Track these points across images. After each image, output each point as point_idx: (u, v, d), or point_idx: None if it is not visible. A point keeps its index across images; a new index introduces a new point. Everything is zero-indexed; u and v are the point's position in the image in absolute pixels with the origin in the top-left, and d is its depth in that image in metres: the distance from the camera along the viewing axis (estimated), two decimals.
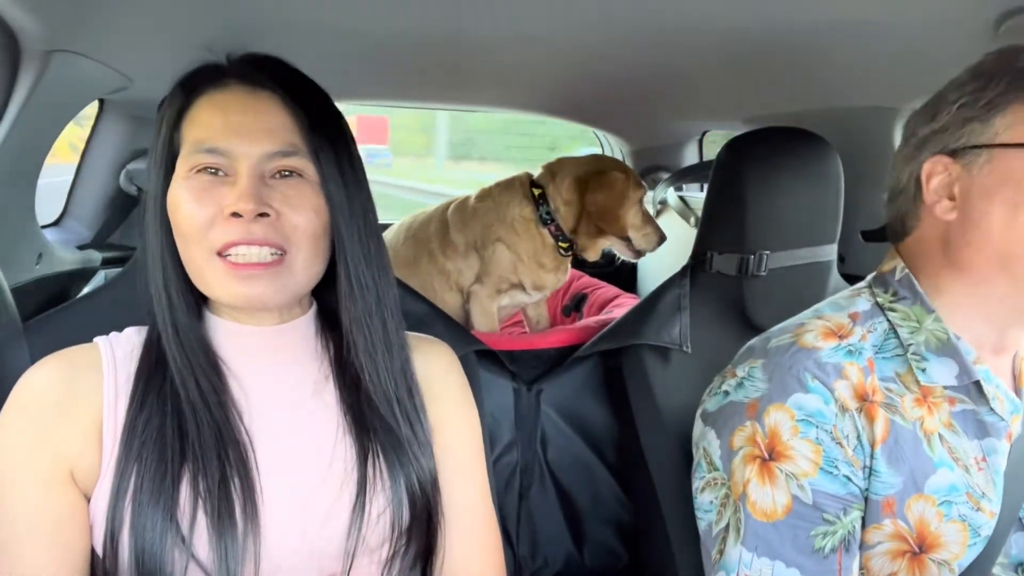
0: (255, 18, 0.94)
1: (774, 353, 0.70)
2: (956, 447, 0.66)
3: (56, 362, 0.60)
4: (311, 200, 0.59)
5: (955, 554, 0.64)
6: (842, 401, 0.65)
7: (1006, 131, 0.64)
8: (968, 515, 0.64)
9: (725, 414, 0.72)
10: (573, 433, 1.19)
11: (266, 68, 0.62)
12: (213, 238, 0.56)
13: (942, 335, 0.67)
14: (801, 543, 0.64)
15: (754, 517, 0.66)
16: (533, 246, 1.38)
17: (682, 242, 1.61)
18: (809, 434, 0.64)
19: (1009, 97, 0.64)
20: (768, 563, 0.64)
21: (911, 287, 0.70)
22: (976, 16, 0.77)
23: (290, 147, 0.59)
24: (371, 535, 0.60)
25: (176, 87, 0.61)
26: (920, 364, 0.67)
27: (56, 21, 0.84)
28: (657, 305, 1.04)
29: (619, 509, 1.20)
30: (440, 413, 0.69)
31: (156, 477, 0.55)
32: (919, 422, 0.66)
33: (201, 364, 0.59)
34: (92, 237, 1.51)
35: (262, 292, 0.57)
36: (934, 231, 0.69)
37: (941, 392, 0.67)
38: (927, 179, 0.68)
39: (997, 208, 0.63)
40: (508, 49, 1.11)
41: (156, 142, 0.61)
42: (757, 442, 0.67)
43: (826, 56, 0.98)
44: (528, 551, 1.21)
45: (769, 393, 0.68)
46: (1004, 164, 0.64)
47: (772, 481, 0.65)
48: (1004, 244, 0.63)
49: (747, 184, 0.96)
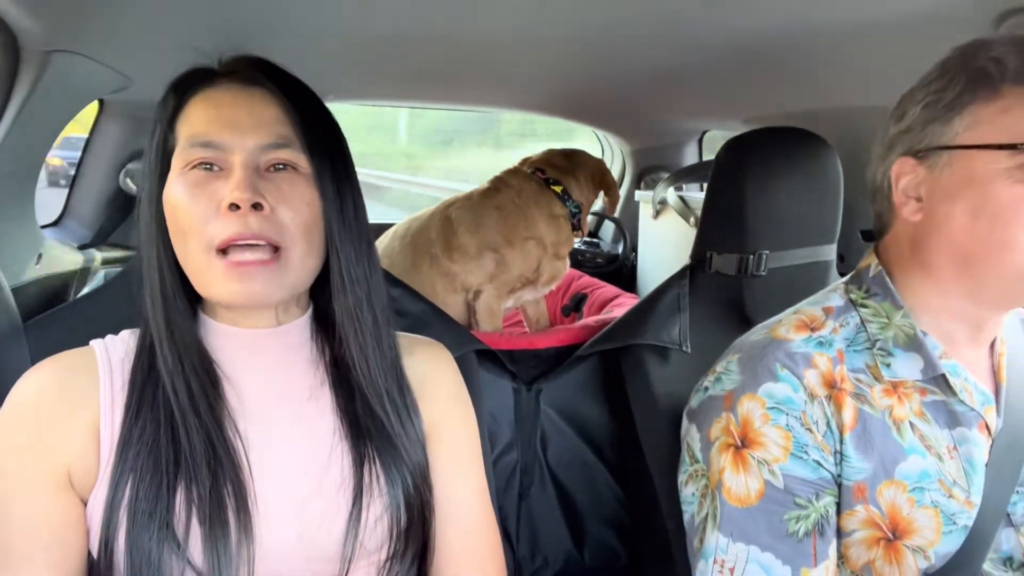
0: (255, 18, 0.94)
1: (750, 347, 0.73)
2: (928, 435, 0.67)
3: (52, 366, 0.60)
4: (304, 193, 0.59)
5: (929, 540, 0.64)
6: (811, 389, 0.67)
7: (965, 132, 0.64)
8: (940, 502, 0.65)
9: (705, 408, 0.74)
10: (573, 433, 1.19)
11: (257, 67, 0.62)
12: (212, 233, 0.56)
13: (909, 331, 0.68)
14: (775, 527, 0.66)
15: (729, 503, 0.68)
16: (559, 239, 1.45)
17: (682, 242, 1.62)
18: (779, 421, 0.67)
19: (966, 98, 0.64)
20: (744, 548, 0.66)
21: (883, 284, 0.71)
22: (976, 16, 0.77)
23: (283, 140, 0.59)
24: (368, 539, 0.60)
25: (168, 90, 0.62)
26: (885, 359, 0.69)
27: (56, 21, 0.84)
28: (657, 305, 1.04)
29: (619, 509, 1.20)
30: (436, 413, 0.69)
31: (152, 486, 0.55)
32: (888, 411, 0.67)
33: (194, 367, 0.59)
34: (92, 237, 1.51)
35: (261, 289, 0.57)
36: (904, 231, 0.70)
37: (912, 383, 0.68)
38: (896, 180, 0.69)
39: (958, 210, 0.64)
40: (508, 49, 1.11)
41: (150, 144, 0.61)
42: (731, 431, 0.69)
43: (826, 56, 0.98)
44: (528, 551, 1.21)
45: (742, 384, 0.70)
46: (964, 166, 0.64)
47: (745, 468, 0.67)
48: (966, 246, 0.64)
49: (747, 184, 0.96)
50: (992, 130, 0.62)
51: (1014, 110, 0.62)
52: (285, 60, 0.64)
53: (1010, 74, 0.62)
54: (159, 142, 0.60)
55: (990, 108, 0.63)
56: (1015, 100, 0.62)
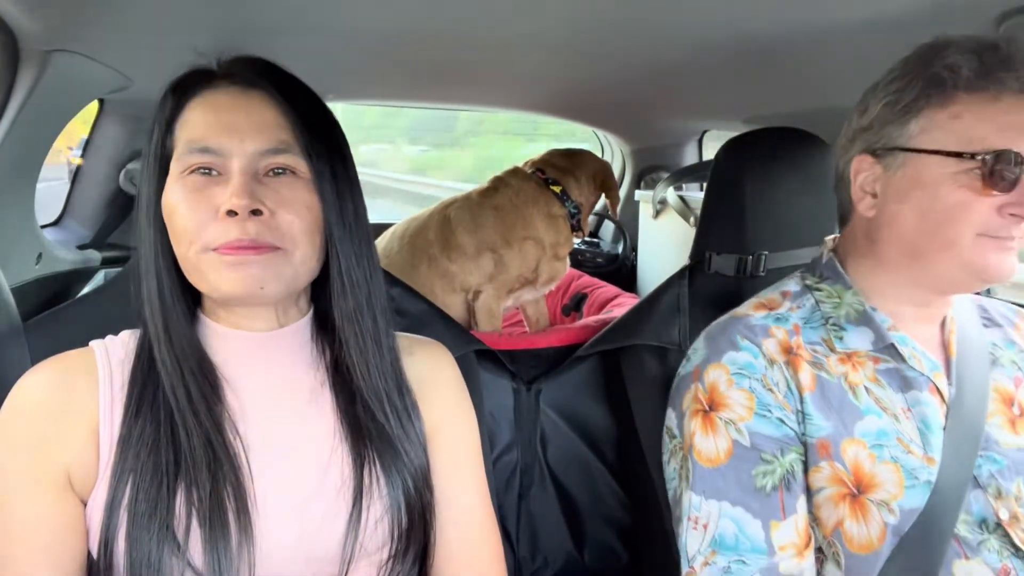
0: (255, 18, 0.94)
1: (712, 327, 0.80)
2: (883, 398, 0.72)
3: (51, 367, 0.60)
4: (304, 197, 0.59)
5: (892, 494, 0.67)
6: (770, 355, 0.73)
7: (919, 135, 0.68)
8: (899, 457, 0.68)
9: (678, 389, 0.80)
10: (573, 433, 1.19)
11: (256, 68, 0.62)
12: (208, 238, 0.56)
13: (859, 307, 0.75)
14: (744, 483, 0.70)
15: (700, 464, 0.72)
16: (558, 239, 1.44)
17: (682, 242, 1.62)
18: (743, 384, 0.72)
19: (921, 103, 0.67)
20: (716, 504, 0.70)
21: (834, 269, 0.78)
22: (976, 16, 0.77)
23: (282, 144, 0.58)
24: (369, 541, 0.60)
25: (167, 91, 0.61)
26: (838, 333, 0.75)
27: (56, 21, 0.84)
28: (656, 305, 1.04)
29: (619, 509, 1.20)
30: (436, 414, 0.68)
31: (151, 488, 0.55)
32: (843, 376, 0.73)
33: (192, 370, 0.59)
34: (92, 237, 1.51)
35: (259, 274, 0.56)
36: (860, 223, 0.76)
37: (865, 353, 0.74)
38: (854, 176, 0.74)
39: (909, 209, 0.69)
40: (508, 49, 1.11)
41: (148, 146, 0.60)
42: (700, 399, 0.75)
43: (826, 56, 0.98)
44: (528, 551, 1.20)
45: (707, 356, 0.76)
46: (916, 168, 0.68)
47: (713, 429, 0.72)
48: (914, 243, 0.69)
49: (746, 184, 0.96)
50: (944, 135, 0.66)
51: (965, 117, 0.65)
52: (285, 59, 0.64)
53: (963, 82, 0.65)
54: (157, 145, 0.60)
55: (943, 113, 0.66)
56: (966, 107, 0.65)
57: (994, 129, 0.64)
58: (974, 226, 0.65)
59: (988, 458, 0.70)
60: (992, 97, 0.65)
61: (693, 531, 0.71)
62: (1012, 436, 0.71)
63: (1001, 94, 0.64)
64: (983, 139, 0.64)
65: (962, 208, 0.65)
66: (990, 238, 0.66)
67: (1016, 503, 0.68)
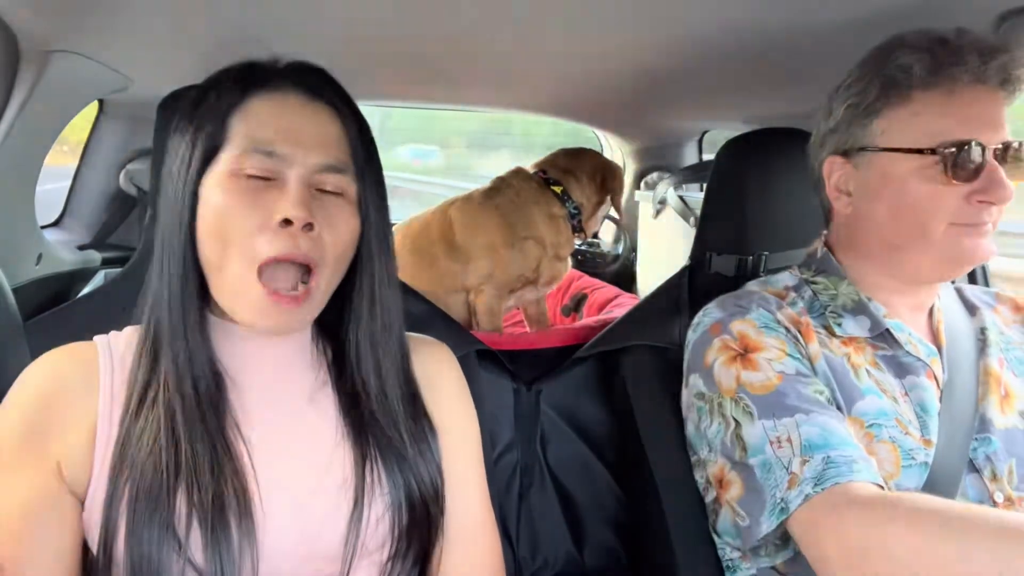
0: (255, 18, 0.94)
1: (724, 297, 0.82)
2: (882, 381, 0.73)
3: (53, 359, 0.60)
4: (349, 220, 0.59)
5: (890, 473, 0.68)
6: (784, 323, 0.75)
7: (883, 135, 0.71)
8: (897, 437, 0.69)
9: (694, 353, 0.80)
10: (573, 433, 1.19)
11: (322, 78, 0.62)
12: (258, 248, 0.55)
13: (855, 296, 0.77)
14: (805, 395, 0.69)
15: (756, 394, 0.71)
16: (558, 240, 1.43)
17: (682, 242, 1.62)
18: (771, 334, 0.74)
19: (880, 103, 0.70)
20: (790, 419, 0.68)
21: (828, 262, 0.81)
22: (976, 16, 0.77)
23: (340, 164, 0.59)
24: (370, 539, 0.60)
25: (229, 81, 0.59)
26: (837, 320, 0.77)
27: (56, 21, 0.85)
28: (656, 305, 1.04)
29: (619, 509, 1.20)
30: (438, 414, 0.69)
31: (152, 487, 0.54)
32: (846, 357, 0.74)
33: (202, 367, 0.59)
34: (92, 237, 1.51)
35: (291, 323, 0.59)
36: (840, 220, 0.80)
37: (864, 339, 0.76)
38: (827, 177, 0.78)
39: (881, 205, 0.72)
40: (508, 49, 1.11)
41: (194, 133, 0.58)
42: (730, 346, 0.75)
43: (826, 56, 0.98)
44: (528, 551, 1.20)
45: (728, 314, 0.77)
46: (883, 165, 0.71)
47: (756, 366, 0.72)
48: (890, 236, 0.72)
49: (746, 185, 0.96)
50: (906, 132, 0.69)
51: (923, 114, 0.68)
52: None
53: (917, 80, 0.68)
54: (208, 133, 0.57)
55: (903, 111, 0.69)
56: (923, 105, 0.68)
57: (954, 123, 0.67)
58: (946, 216, 0.68)
59: (984, 440, 0.71)
60: (946, 92, 0.67)
61: (780, 450, 0.67)
62: (1001, 417, 0.73)
63: (954, 88, 0.67)
64: (944, 132, 0.67)
65: (931, 200, 0.68)
66: (963, 226, 0.68)
67: (1009, 485, 0.70)
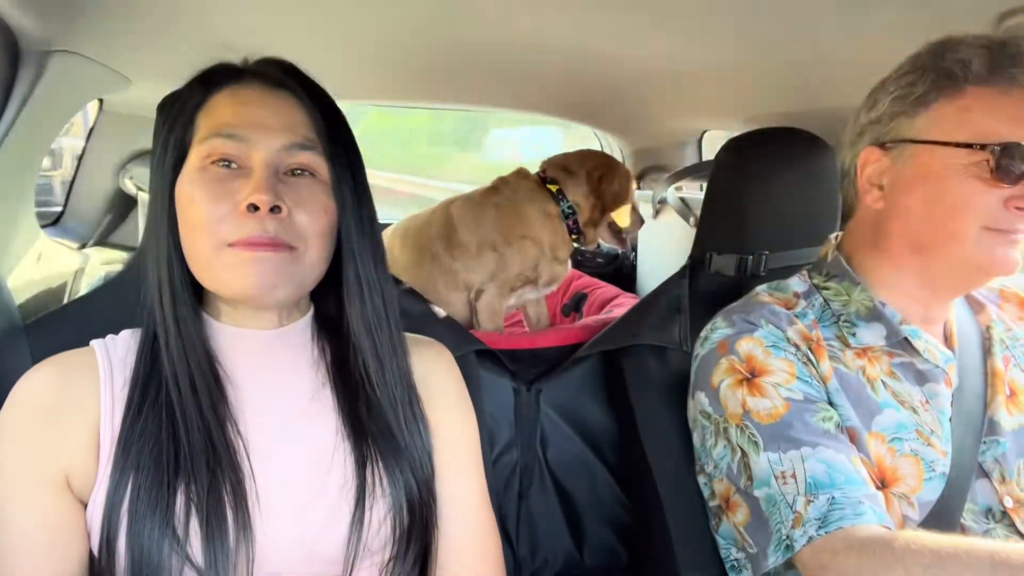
0: (254, 19, 0.94)
1: (732, 308, 0.81)
2: (900, 391, 0.72)
3: (52, 367, 0.60)
4: (321, 200, 0.59)
5: (912, 487, 0.68)
6: (794, 340, 0.74)
7: (928, 128, 0.68)
8: (919, 450, 0.69)
9: (701, 369, 0.78)
10: (573, 433, 1.19)
11: (284, 68, 0.63)
12: (225, 232, 0.56)
13: (869, 303, 0.75)
14: (812, 426, 0.68)
15: (762, 423, 0.70)
16: (554, 240, 1.42)
17: (682, 242, 1.62)
18: (779, 355, 0.73)
19: (932, 95, 0.68)
20: (795, 452, 0.67)
21: (841, 267, 0.78)
22: (976, 16, 0.77)
23: (308, 141, 0.59)
24: (372, 541, 0.60)
25: (194, 81, 0.61)
26: (851, 330, 0.75)
27: (56, 21, 0.85)
28: (657, 305, 1.04)
29: (619, 509, 1.20)
30: (437, 414, 0.68)
31: (152, 485, 0.55)
32: (861, 370, 0.73)
33: (199, 363, 0.59)
34: (92, 237, 1.51)
35: (273, 274, 0.56)
36: (867, 216, 0.76)
37: (879, 348, 0.74)
38: (861, 168, 0.74)
39: (916, 200, 0.69)
40: (508, 49, 1.11)
41: (166, 134, 0.60)
42: (736, 368, 0.73)
43: (826, 56, 0.98)
44: (528, 551, 1.20)
45: (736, 332, 0.76)
46: (925, 159, 0.68)
47: (763, 392, 0.71)
48: (921, 234, 0.70)
49: (746, 184, 0.96)
50: (953, 127, 0.67)
51: (974, 109, 0.66)
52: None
53: (973, 76, 0.66)
54: (177, 134, 0.59)
55: (953, 106, 0.67)
56: (975, 100, 0.66)
57: (1003, 121, 0.65)
58: (980, 219, 0.66)
59: (992, 443, 0.71)
60: (1002, 91, 0.66)
61: (784, 486, 0.67)
62: (1009, 417, 0.72)
63: (1011, 88, 0.66)
64: (992, 132, 0.65)
65: (969, 200, 0.66)
66: (996, 231, 0.66)
67: (1018, 486, 0.69)
